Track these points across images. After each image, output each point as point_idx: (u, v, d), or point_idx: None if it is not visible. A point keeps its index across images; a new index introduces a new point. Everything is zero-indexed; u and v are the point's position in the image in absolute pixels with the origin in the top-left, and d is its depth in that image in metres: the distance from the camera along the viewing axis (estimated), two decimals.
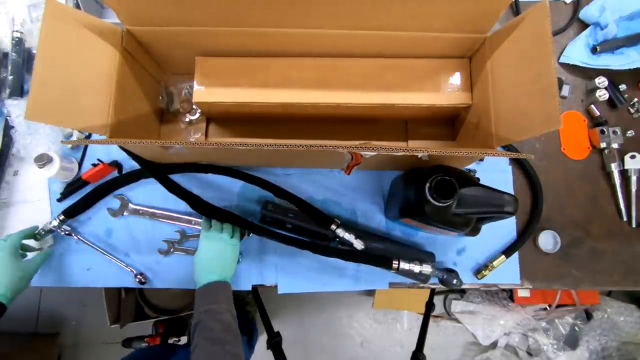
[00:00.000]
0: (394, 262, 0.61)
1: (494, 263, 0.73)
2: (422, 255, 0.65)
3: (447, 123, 0.77)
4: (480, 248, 0.76)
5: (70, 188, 0.75)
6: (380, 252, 0.67)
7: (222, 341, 0.56)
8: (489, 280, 0.75)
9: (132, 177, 0.76)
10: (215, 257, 0.67)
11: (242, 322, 1.34)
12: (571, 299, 1.39)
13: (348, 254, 0.65)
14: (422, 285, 0.69)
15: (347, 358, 1.58)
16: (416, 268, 0.61)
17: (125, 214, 0.75)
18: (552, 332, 1.40)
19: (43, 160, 0.69)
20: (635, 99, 0.81)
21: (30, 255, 0.72)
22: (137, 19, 0.60)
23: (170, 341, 1.32)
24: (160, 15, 0.58)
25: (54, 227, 0.72)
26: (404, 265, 0.61)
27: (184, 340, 1.35)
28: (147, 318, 1.32)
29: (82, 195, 0.75)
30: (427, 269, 0.61)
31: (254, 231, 0.71)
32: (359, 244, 0.63)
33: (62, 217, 0.72)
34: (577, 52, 0.81)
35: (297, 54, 0.67)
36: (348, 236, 0.63)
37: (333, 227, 0.63)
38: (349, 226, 0.69)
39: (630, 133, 0.79)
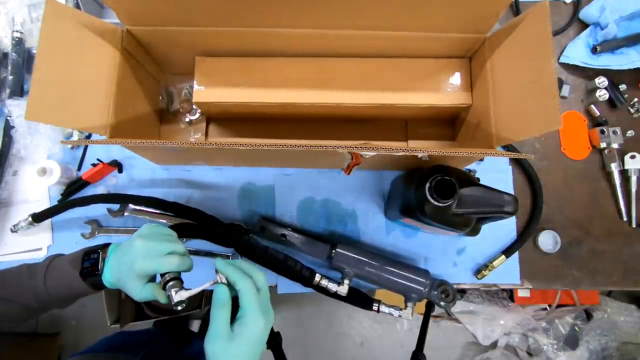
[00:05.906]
0: (374, 304, 0.66)
1: (494, 263, 0.73)
2: (417, 274, 0.66)
3: (447, 123, 0.77)
4: (480, 248, 0.76)
5: (71, 189, 0.75)
6: (370, 281, 0.69)
7: None
8: (489, 280, 0.75)
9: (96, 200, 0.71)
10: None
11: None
12: (571, 299, 1.39)
13: (334, 295, 0.67)
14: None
15: (347, 358, 1.58)
16: (395, 313, 0.65)
17: (125, 214, 0.75)
18: (552, 332, 1.40)
19: (44, 173, 0.71)
20: (635, 99, 0.81)
21: None
22: (137, 19, 0.60)
23: None
24: (160, 15, 0.58)
25: None
26: (384, 309, 0.65)
27: None
28: (147, 318, 1.32)
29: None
30: (406, 314, 0.64)
31: (241, 253, 0.69)
32: (343, 289, 0.65)
33: (29, 219, 0.70)
34: (577, 52, 0.81)
35: (296, 54, 0.67)
36: (332, 285, 0.65)
37: (317, 278, 0.65)
38: (348, 243, 0.69)
39: (630, 133, 0.79)
